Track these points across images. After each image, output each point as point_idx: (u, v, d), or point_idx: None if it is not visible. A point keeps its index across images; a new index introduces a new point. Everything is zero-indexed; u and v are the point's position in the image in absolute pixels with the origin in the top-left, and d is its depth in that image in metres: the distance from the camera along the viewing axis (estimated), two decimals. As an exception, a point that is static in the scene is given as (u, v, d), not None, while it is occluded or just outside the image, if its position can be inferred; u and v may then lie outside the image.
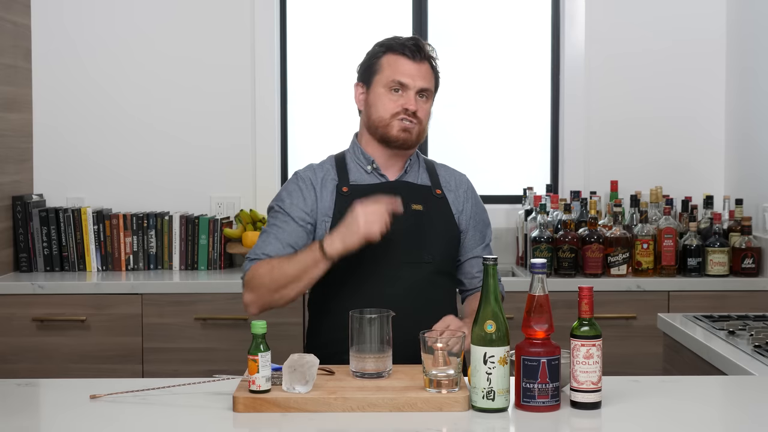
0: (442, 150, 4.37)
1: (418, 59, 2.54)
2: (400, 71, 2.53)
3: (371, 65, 2.59)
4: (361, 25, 4.45)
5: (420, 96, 2.54)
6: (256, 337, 2.01)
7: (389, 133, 2.54)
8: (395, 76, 2.53)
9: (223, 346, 3.78)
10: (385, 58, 2.56)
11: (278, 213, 2.56)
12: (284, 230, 2.52)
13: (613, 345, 3.59)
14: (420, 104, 2.54)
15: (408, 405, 1.98)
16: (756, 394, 2.18)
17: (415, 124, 2.54)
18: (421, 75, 2.54)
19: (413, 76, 2.53)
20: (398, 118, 2.53)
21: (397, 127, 2.53)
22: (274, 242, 2.51)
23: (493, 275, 2.00)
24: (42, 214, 4.08)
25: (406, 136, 2.54)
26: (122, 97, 4.35)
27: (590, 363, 1.96)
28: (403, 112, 2.52)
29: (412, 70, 2.53)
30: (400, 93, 2.53)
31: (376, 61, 2.58)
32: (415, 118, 2.53)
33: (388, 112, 2.54)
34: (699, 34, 4.36)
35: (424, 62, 2.56)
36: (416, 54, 2.54)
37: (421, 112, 2.54)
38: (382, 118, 2.54)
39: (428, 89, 2.55)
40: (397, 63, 2.54)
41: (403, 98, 2.53)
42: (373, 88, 2.57)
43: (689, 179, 4.35)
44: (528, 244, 4.01)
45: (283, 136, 4.47)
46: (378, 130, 2.56)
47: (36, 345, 3.78)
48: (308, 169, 2.64)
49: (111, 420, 1.95)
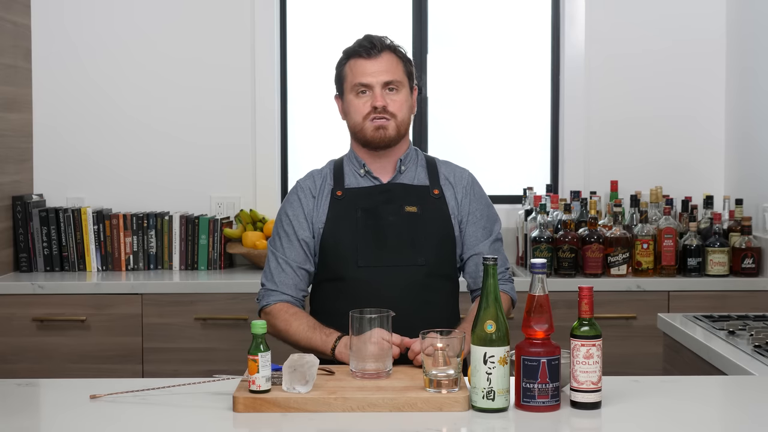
0: (443, 150, 4.37)
1: (374, 54, 2.55)
2: (359, 72, 2.55)
3: (339, 75, 2.63)
4: (361, 25, 4.44)
5: (389, 90, 2.55)
6: (256, 337, 2.02)
7: (365, 136, 2.57)
8: (356, 79, 2.55)
9: (223, 346, 3.78)
10: (347, 64, 2.59)
11: (283, 232, 2.60)
12: (290, 254, 2.57)
13: (613, 345, 3.58)
14: (390, 97, 2.55)
15: (408, 405, 1.98)
16: (756, 394, 2.18)
17: (390, 119, 2.54)
18: (382, 69, 2.55)
19: (373, 73, 2.54)
20: (369, 119, 2.54)
21: (370, 128, 2.55)
22: (287, 268, 2.57)
23: (493, 275, 2.00)
24: (42, 214, 4.08)
25: (382, 134, 2.55)
26: (122, 98, 4.35)
27: (590, 363, 1.96)
28: (373, 111, 2.54)
29: (370, 67, 2.55)
30: (366, 93, 2.55)
31: (341, 70, 2.61)
32: (387, 113, 2.54)
33: (359, 115, 2.56)
34: (699, 34, 4.36)
35: (383, 55, 2.56)
36: (371, 51, 2.55)
37: (393, 105, 2.55)
38: (356, 123, 2.57)
39: (394, 80, 2.55)
40: (356, 66, 2.56)
41: (369, 97, 2.55)
42: (345, 97, 2.60)
43: (689, 179, 4.35)
44: (528, 244, 4.01)
45: (283, 136, 4.47)
46: (357, 135, 2.59)
47: (36, 345, 3.78)
48: (308, 177, 2.67)
49: (111, 420, 1.95)
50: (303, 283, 2.59)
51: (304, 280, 2.59)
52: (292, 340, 2.51)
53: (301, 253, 2.57)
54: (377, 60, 2.55)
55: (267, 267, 2.60)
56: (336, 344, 2.39)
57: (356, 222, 2.54)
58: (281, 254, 2.58)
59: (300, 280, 2.58)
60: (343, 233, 2.54)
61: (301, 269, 2.57)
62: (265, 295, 2.58)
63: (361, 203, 2.56)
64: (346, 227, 2.54)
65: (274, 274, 2.58)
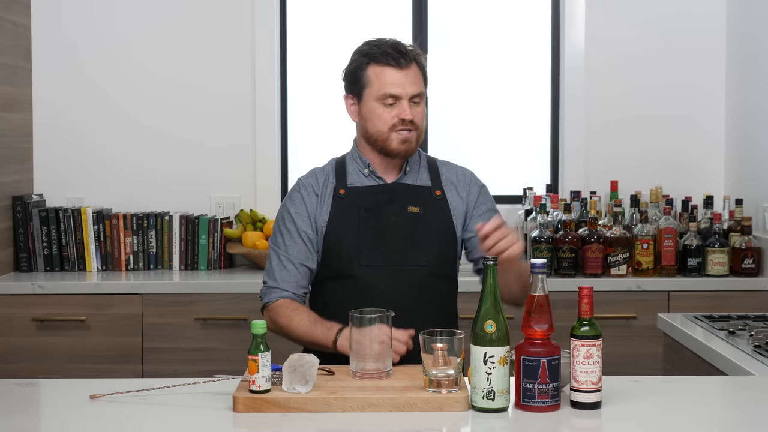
0: (443, 150, 4.36)
1: (404, 65, 2.51)
2: (389, 83, 2.50)
3: (358, 78, 2.56)
4: (361, 25, 4.45)
5: (413, 102, 2.53)
6: (256, 337, 2.02)
7: (389, 146, 2.54)
8: (385, 89, 2.50)
9: (223, 346, 3.78)
10: (371, 69, 2.53)
11: (285, 229, 2.59)
12: (293, 251, 2.57)
13: (613, 345, 3.58)
14: (414, 110, 2.52)
15: (408, 405, 1.98)
16: (756, 394, 2.18)
17: (413, 132, 2.53)
18: (410, 81, 2.51)
19: (403, 85, 2.50)
20: (396, 130, 2.52)
21: (396, 139, 2.52)
22: (288, 266, 2.56)
23: (493, 275, 2.00)
24: (42, 214, 4.08)
25: (407, 147, 2.54)
26: (122, 98, 4.35)
27: (590, 363, 1.96)
28: (400, 123, 2.51)
29: (400, 78, 2.50)
30: (393, 104, 2.51)
31: (362, 74, 2.54)
32: (412, 125, 2.53)
33: (385, 126, 2.52)
34: (699, 34, 4.36)
35: (410, 66, 2.52)
36: (401, 60, 2.51)
37: (417, 118, 2.53)
38: (380, 132, 2.53)
39: (420, 93, 2.53)
40: (384, 74, 2.51)
41: (396, 108, 2.51)
42: (364, 101, 2.55)
43: (689, 179, 4.35)
44: (528, 244, 4.00)
45: (283, 136, 4.47)
46: (377, 143, 2.55)
47: (36, 345, 3.78)
48: (310, 174, 2.65)
49: (111, 420, 1.95)
50: (304, 279, 2.59)
51: (305, 277, 2.59)
52: (294, 335, 2.51)
53: (304, 249, 2.57)
54: (407, 71, 2.51)
55: (269, 264, 2.60)
56: (337, 337, 2.40)
57: (359, 221, 2.54)
58: (283, 251, 2.57)
59: (301, 277, 2.58)
60: (346, 232, 2.54)
61: (303, 266, 2.57)
62: (267, 293, 2.59)
63: (364, 202, 2.56)
64: (348, 226, 2.54)
65: (275, 271, 2.58)
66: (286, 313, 2.52)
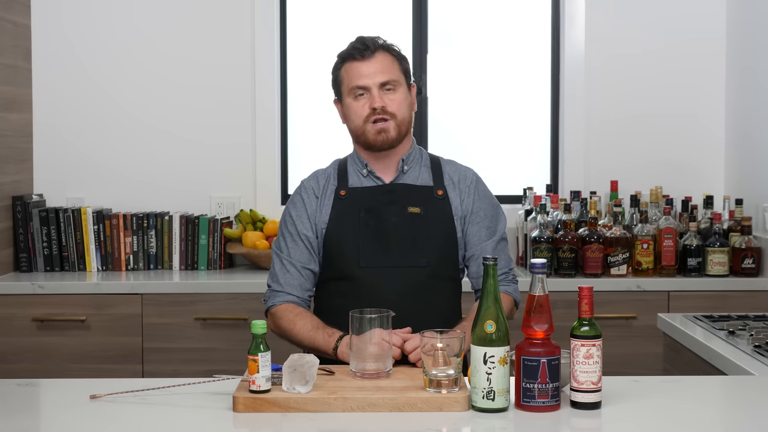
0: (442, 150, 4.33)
1: (368, 56, 2.55)
2: (355, 75, 2.55)
3: (335, 79, 2.63)
4: (361, 25, 4.45)
5: (386, 90, 2.55)
6: (256, 337, 2.02)
7: (367, 139, 2.57)
8: (352, 82, 2.56)
9: (223, 346, 3.78)
10: (343, 68, 2.59)
11: (287, 232, 2.61)
12: (294, 253, 2.58)
13: (613, 345, 3.58)
14: (388, 97, 2.55)
15: (408, 405, 1.98)
16: (756, 394, 2.18)
17: (389, 120, 2.54)
18: (377, 70, 2.55)
19: (368, 75, 2.54)
20: (370, 122, 2.54)
21: (372, 131, 2.55)
22: (291, 269, 2.58)
23: (493, 276, 2.00)
24: (42, 214, 4.08)
25: (384, 137, 2.56)
26: (122, 97, 4.35)
27: (590, 363, 1.96)
28: (372, 112, 2.54)
29: (365, 68, 2.55)
30: (364, 96, 2.55)
31: (337, 74, 2.62)
32: (386, 113, 2.54)
33: (359, 119, 2.56)
34: (699, 34, 4.36)
35: (376, 55, 2.56)
36: (364, 52, 2.56)
37: (392, 105, 2.54)
38: (357, 126, 2.58)
39: (390, 80, 2.55)
40: (351, 68, 2.57)
41: (366, 99, 2.55)
42: (343, 101, 2.61)
43: (689, 179, 4.35)
44: (528, 244, 4.01)
45: (283, 136, 4.47)
46: (359, 138, 2.60)
47: (36, 345, 3.78)
48: (312, 177, 2.68)
49: (111, 420, 1.95)
50: (308, 283, 2.59)
51: (309, 280, 2.59)
52: (296, 340, 2.53)
53: (306, 253, 2.58)
54: (371, 61, 2.55)
55: (272, 268, 2.62)
56: (338, 344, 2.40)
57: (359, 222, 2.54)
58: (285, 255, 2.59)
59: (305, 280, 2.58)
60: (346, 233, 2.54)
61: (305, 269, 2.58)
62: (271, 296, 2.60)
63: (365, 203, 2.56)
64: (349, 227, 2.54)
65: (279, 275, 2.59)
66: (289, 317, 2.53)
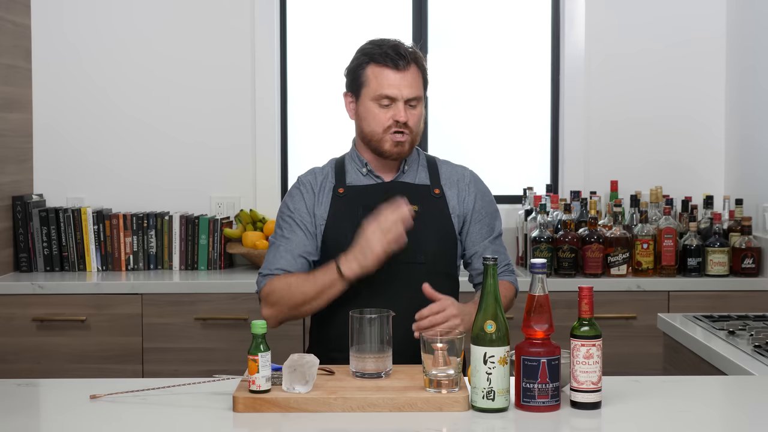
0: (443, 150, 4.37)
1: (402, 67, 2.51)
2: (386, 84, 2.51)
3: (357, 76, 2.56)
4: (361, 25, 4.45)
5: (410, 105, 2.53)
6: (256, 337, 2.02)
7: (382, 147, 2.54)
8: (382, 90, 2.51)
9: (223, 346, 3.78)
10: (370, 69, 2.53)
11: (284, 223, 2.58)
12: (292, 241, 2.55)
13: (613, 345, 3.59)
14: (410, 112, 2.52)
15: (408, 405, 1.98)
16: (756, 394, 2.18)
17: (407, 135, 2.53)
18: (408, 83, 2.51)
19: (399, 87, 2.50)
20: (390, 132, 2.52)
21: (390, 141, 2.53)
22: (285, 254, 2.53)
23: (493, 275, 2.00)
24: (42, 214, 4.08)
25: (400, 150, 2.54)
26: (122, 97, 4.35)
27: (590, 363, 1.96)
28: (394, 125, 2.51)
29: (398, 80, 2.50)
30: (389, 105, 2.52)
31: (361, 73, 2.55)
32: (407, 128, 2.52)
33: (380, 126, 2.53)
34: (699, 34, 4.36)
35: (409, 68, 2.52)
36: (399, 62, 2.50)
37: (412, 120, 2.53)
38: (374, 132, 2.54)
39: (416, 96, 2.53)
40: (382, 75, 2.51)
41: (392, 110, 2.51)
42: (361, 100, 2.56)
43: (689, 179, 4.35)
44: (528, 244, 4.01)
45: (283, 136, 4.47)
46: (371, 143, 2.56)
47: (36, 345, 3.78)
48: (309, 173, 2.66)
49: (111, 420, 1.95)
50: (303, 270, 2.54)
51: (303, 268, 2.54)
52: (297, 295, 2.45)
53: (303, 240, 2.54)
54: (405, 73, 2.51)
55: (265, 258, 2.58)
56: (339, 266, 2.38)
57: (358, 219, 2.54)
58: (281, 242, 2.55)
59: (299, 268, 2.53)
60: (345, 230, 2.53)
61: (300, 257, 2.53)
62: (260, 281, 2.55)
63: (363, 201, 2.56)
64: (347, 224, 2.54)
65: (271, 262, 2.54)
66: (281, 285, 2.48)
